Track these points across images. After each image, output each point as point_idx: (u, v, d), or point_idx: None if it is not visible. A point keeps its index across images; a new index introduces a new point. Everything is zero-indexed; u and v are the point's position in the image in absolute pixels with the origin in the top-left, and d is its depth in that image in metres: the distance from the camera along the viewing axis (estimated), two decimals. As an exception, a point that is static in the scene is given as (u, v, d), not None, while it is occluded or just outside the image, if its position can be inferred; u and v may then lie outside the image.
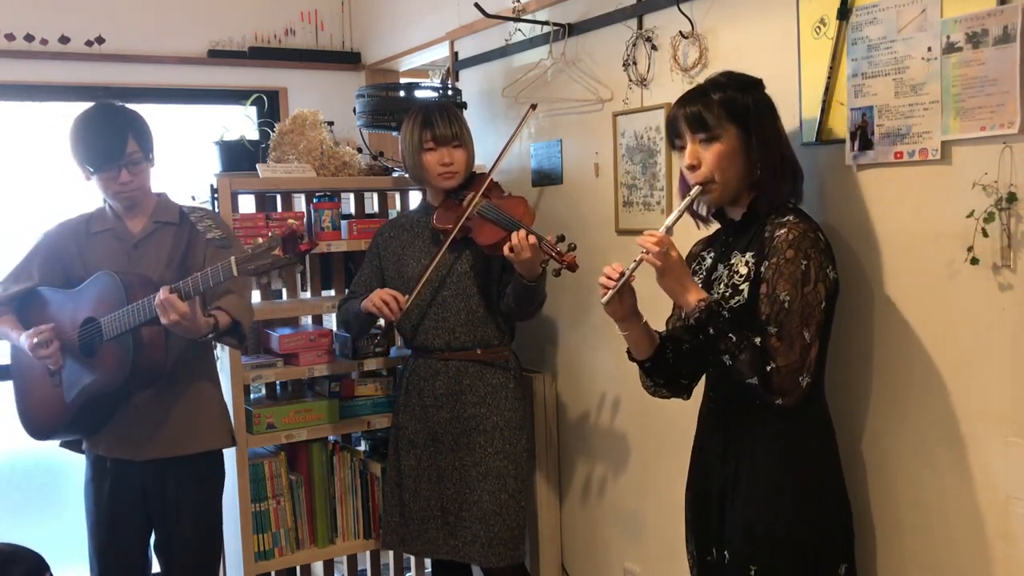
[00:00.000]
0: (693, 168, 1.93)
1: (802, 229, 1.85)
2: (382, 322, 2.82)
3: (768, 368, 1.79)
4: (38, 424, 2.59)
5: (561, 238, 2.52)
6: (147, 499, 2.60)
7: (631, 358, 2.10)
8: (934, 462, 1.96)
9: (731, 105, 1.89)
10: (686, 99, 1.94)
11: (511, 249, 2.51)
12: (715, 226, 2.11)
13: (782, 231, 1.85)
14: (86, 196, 2.64)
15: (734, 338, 1.81)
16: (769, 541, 1.88)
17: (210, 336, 2.45)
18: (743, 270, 1.91)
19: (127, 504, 2.59)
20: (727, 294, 1.92)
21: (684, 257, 2.11)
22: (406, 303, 2.67)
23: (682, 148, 1.95)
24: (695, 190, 1.94)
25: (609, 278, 1.95)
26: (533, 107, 2.86)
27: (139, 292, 2.38)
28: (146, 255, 2.54)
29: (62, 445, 2.68)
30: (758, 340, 1.81)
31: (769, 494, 1.89)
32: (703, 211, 2.07)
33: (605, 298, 1.95)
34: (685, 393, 2.15)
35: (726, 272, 1.96)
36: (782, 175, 1.92)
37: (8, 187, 3.86)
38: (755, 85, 1.95)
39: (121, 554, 2.61)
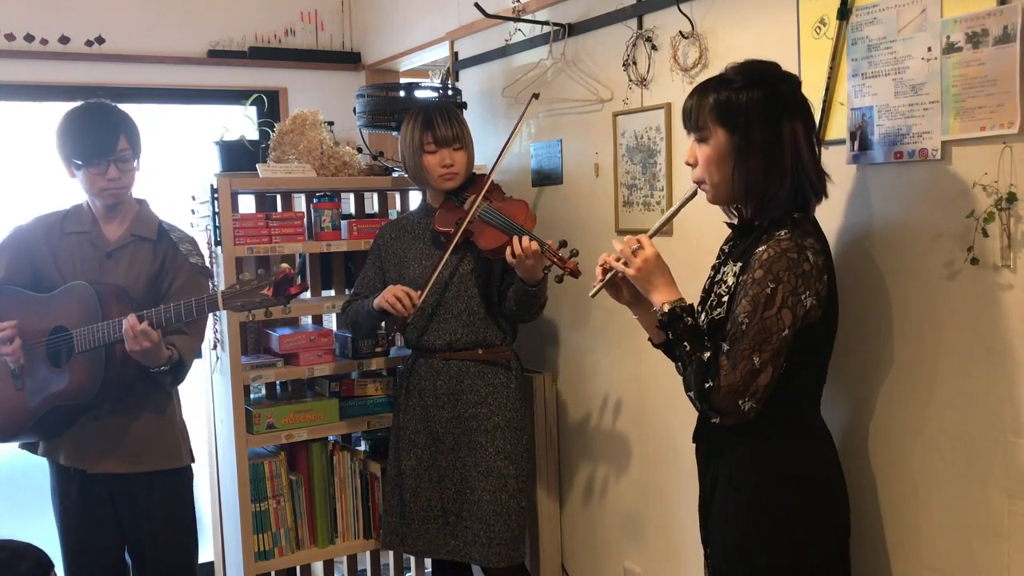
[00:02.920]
0: (691, 165, 1.90)
1: (782, 248, 1.73)
2: (383, 325, 2.82)
3: (706, 385, 1.75)
4: None
5: (563, 244, 2.51)
6: (116, 505, 2.58)
7: (651, 342, 2.07)
8: (935, 462, 1.95)
9: (722, 107, 1.78)
10: (692, 91, 1.86)
11: (513, 255, 2.51)
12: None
13: (762, 247, 1.76)
14: (84, 196, 2.63)
15: (687, 347, 1.79)
16: (744, 562, 1.85)
17: (160, 368, 2.42)
18: (730, 280, 1.85)
19: (97, 509, 2.57)
20: (713, 303, 1.88)
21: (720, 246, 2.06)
22: (419, 299, 2.67)
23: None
24: (690, 189, 1.92)
25: (603, 269, 1.96)
26: (536, 96, 2.82)
27: (114, 304, 2.38)
28: (119, 266, 2.52)
29: (21, 447, 2.64)
30: (707, 355, 1.77)
31: (743, 514, 1.86)
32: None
33: (590, 293, 1.97)
34: None
35: (721, 278, 1.92)
36: (770, 183, 1.78)
37: (8, 187, 3.86)
38: (766, 81, 1.79)
39: (96, 558, 2.59)
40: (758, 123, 1.77)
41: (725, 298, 1.83)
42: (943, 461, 1.94)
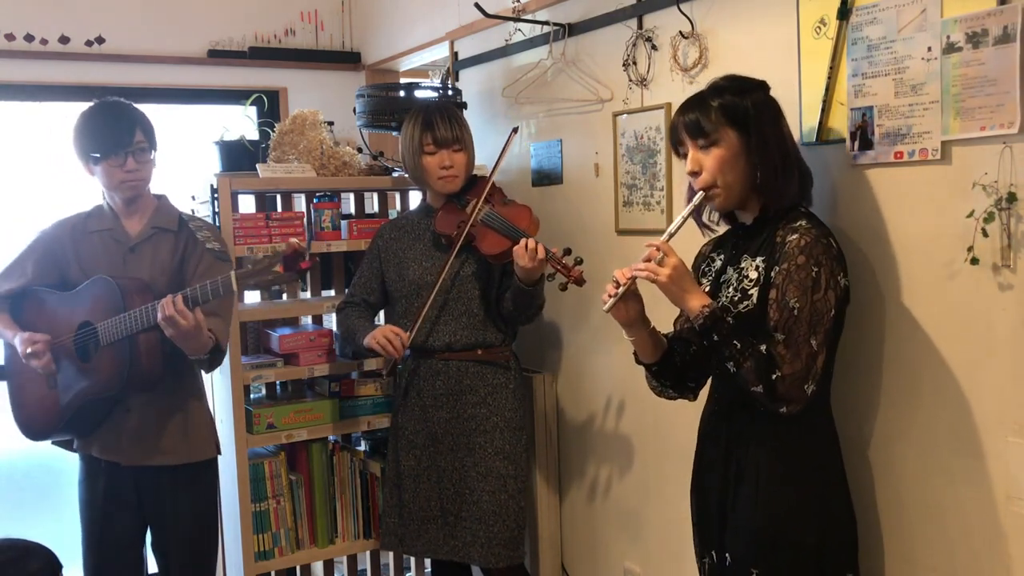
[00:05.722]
0: (695, 175, 1.92)
1: (814, 235, 1.83)
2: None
3: (773, 376, 1.77)
4: (33, 425, 2.59)
5: (568, 251, 2.50)
6: (142, 499, 2.60)
7: (638, 361, 2.09)
8: (935, 462, 1.96)
9: (729, 110, 1.88)
10: (686, 106, 1.94)
11: (518, 257, 2.50)
12: (720, 228, 2.10)
13: (794, 236, 1.84)
14: (85, 196, 2.64)
15: (739, 345, 1.79)
16: (773, 546, 1.87)
17: (202, 356, 2.45)
18: (753, 274, 1.89)
19: (122, 503, 2.59)
20: (736, 298, 1.90)
21: (694, 256, 2.11)
22: (408, 339, 2.68)
23: (685, 155, 1.95)
24: (698, 196, 1.93)
25: (616, 283, 1.93)
26: (515, 131, 2.83)
27: (136, 298, 2.38)
28: (142, 259, 2.54)
29: (54, 443, 2.67)
30: (764, 347, 1.79)
31: (772, 498, 1.89)
32: (712, 217, 2.06)
33: (606, 306, 1.94)
34: (691, 395, 2.13)
35: (735, 275, 1.94)
36: (785, 176, 1.90)
37: (8, 187, 3.86)
38: (756, 88, 1.94)
39: (116, 551, 2.61)
40: (767, 122, 1.89)
41: (752, 291, 1.88)
42: (943, 461, 1.94)
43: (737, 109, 1.88)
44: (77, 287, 2.52)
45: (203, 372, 2.63)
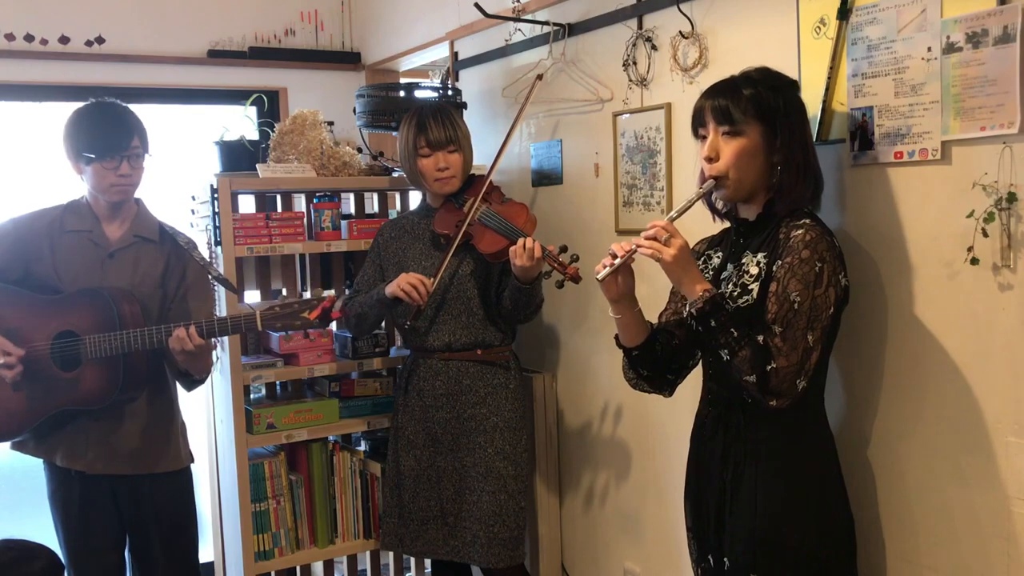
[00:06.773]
0: (711, 160, 1.90)
1: (819, 232, 1.83)
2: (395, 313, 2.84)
3: (768, 368, 1.76)
4: None
5: (564, 248, 2.50)
6: (119, 505, 2.58)
7: (619, 344, 2.07)
8: (937, 462, 1.96)
9: (760, 103, 1.85)
10: (715, 90, 1.91)
11: (515, 256, 2.50)
12: (725, 224, 2.09)
13: (799, 232, 1.83)
14: (84, 194, 2.63)
15: (735, 333, 1.78)
16: (772, 550, 1.86)
17: (204, 376, 2.51)
18: (754, 270, 1.88)
19: (100, 509, 2.56)
20: (735, 293, 1.90)
21: None
22: (432, 286, 2.67)
23: (705, 138, 1.92)
24: (708, 183, 1.91)
25: (613, 256, 1.92)
26: (539, 77, 2.81)
27: (126, 308, 2.40)
28: (122, 267, 2.52)
29: (12, 447, 2.62)
30: (760, 338, 1.79)
31: (772, 502, 1.87)
32: (719, 205, 2.04)
33: (600, 275, 1.92)
34: (668, 389, 2.11)
35: (736, 272, 1.94)
36: (803, 179, 1.89)
37: (8, 187, 3.86)
38: (789, 86, 1.92)
39: (98, 559, 2.59)
40: (796, 122, 1.88)
41: (752, 286, 1.87)
42: (943, 462, 1.94)
43: (768, 104, 1.86)
44: (44, 286, 2.48)
45: (185, 390, 2.64)
